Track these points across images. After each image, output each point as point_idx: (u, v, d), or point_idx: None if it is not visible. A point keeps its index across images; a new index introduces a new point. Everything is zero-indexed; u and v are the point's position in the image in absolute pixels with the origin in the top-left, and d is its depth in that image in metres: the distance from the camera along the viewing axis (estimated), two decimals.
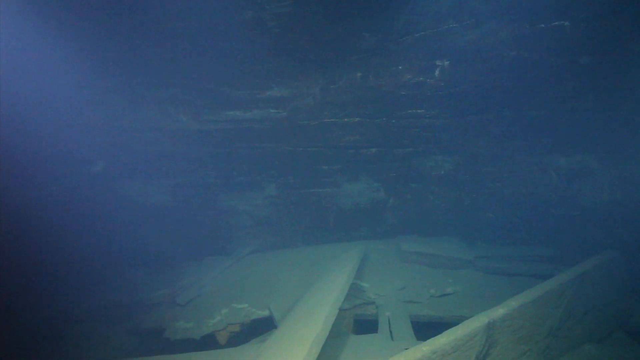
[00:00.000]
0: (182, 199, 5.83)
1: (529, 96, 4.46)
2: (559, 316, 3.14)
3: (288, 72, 5.16)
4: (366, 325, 4.36)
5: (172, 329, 4.31)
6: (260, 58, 5.05)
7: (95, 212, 5.32)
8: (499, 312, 2.82)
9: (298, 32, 4.66)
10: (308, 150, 5.60)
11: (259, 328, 4.30)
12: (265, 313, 4.32)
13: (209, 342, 4.31)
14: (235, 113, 5.46)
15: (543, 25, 3.89)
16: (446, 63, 4.52)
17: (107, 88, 5.04)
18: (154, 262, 5.54)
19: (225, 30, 4.65)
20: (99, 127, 5.15)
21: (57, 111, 4.84)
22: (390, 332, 3.80)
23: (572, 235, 5.04)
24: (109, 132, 5.19)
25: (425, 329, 4.25)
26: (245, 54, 4.98)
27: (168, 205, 5.83)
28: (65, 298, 4.74)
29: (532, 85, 4.35)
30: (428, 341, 2.59)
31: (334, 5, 4.31)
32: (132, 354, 4.35)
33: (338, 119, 5.26)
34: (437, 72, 4.60)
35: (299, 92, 5.23)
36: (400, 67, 4.72)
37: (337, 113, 5.24)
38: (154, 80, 5.17)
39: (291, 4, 4.31)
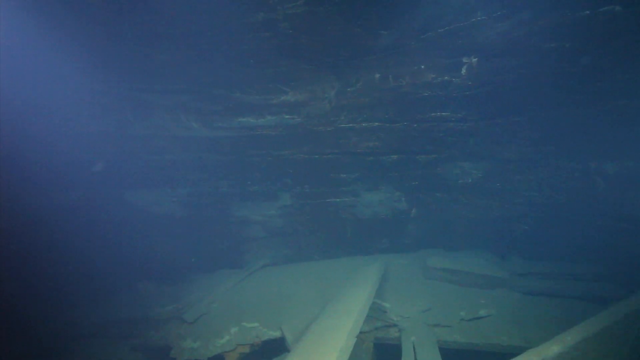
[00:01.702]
0: (194, 209, 5.53)
1: (571, 93, 3.88)
2: (625, 355, 2.52)
3: (302, 75, 4.80)
4: (388, 351, 3.84)
5: (178, 349, 3.94)
6: (273, 61, 4.72)
7: (103, 222, 5.09)
8: (552, 350, 2.26)
9: (311, 33, 4.30)
10: (324, 157, 5.19)
11: (270, 350, 3.86)
12: (277, 334, 3.88)
13: None
14: (248, 119, 5.14)
15: (588, 12, 3.34)
16: (474, 60, 4.02)
17: (117, 95, 4.84)
18: (164, 275, 5.23)
19: (235, 33, 4.35)
20: (109, 135, 4.94)
21: (66, 120, 4.67)
22: None
23: (621, 250, 4.33)
24: (119, 141, 4.98)
25: (456, 357, 3.70)
26: (257, 58, 4.66)
27: (179, 215, 5.54)
28: (71, 312, 4.48)
29: (574, 81, 3.77)
30: None
31: (348, 3, 3.92)
32: None
33: (355, 123, 4.82)
34: (463, 70, 4.11)
35: (314, 96, 4.85)
36: (422, 66, 4.25)
37: (354, 117, 4.81)
38: (164, 86, 4.93)
39: (303, 3, 3.96)
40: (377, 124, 4.79)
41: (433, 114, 4.57)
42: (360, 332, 3.82)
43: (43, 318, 4.33)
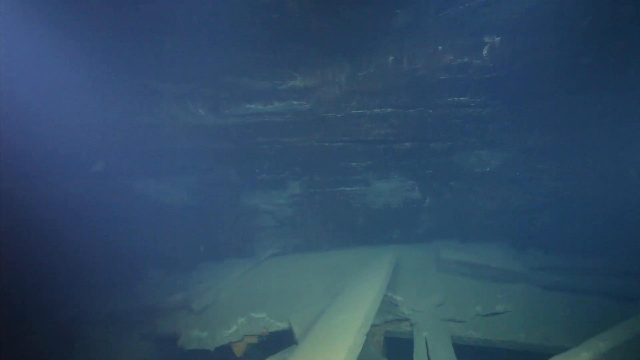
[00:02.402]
0: (202, 198, 5.41)
1: (605, 75, 3.51)
2: None
3: (311, 59, 4.54)
4: (399, 345, 3.69)
5: (186, 338, 3.89)
6: (281, 45, 4.47)
7: (111, 212, 5.02)
8: (582, 357, 2.04)
9: (321, 14, 4.02)
10: (334, 145, 4.96)
11: (278, 341, 3.76)
12: (285, 325, 3.78)
13: (224, 354, 3.86)
14: (256, 106, 4.93)
15: None
16: (496, 39, 3.68)
17: (123, 84, 4.69)
18: (173, 264, 5.17)
19: (243, 16, 4.11)
20: (116, 125, 4.82)
21: (73, 111, 4.55)
22: (429, 358, 3.10)
23: None
24: (127, 130, 4.85)
25: (470, 354, 3.52)
26: (265, 42, 4.42)
27: (187, 204, 5.43)
28: (82, 300, 4.48)
29: (609, 61, 3.40)
30: None
31: None
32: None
33: (367, 109, 4.56)
34: (485, 51, 3.78)
35: (324, 81, 4.60)
36: (439, 48, 3.93)
37: (366, 103, 4.54)
38: (171, 74, 4.75)
39: None
40: (389, 110, 4.51)
41: (450, 99, 4.26)
42: (372, 326, 3.68)
43: (53, 307, 4.34)
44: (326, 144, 4.96)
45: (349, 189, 5.22)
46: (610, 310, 3.63)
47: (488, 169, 4.71)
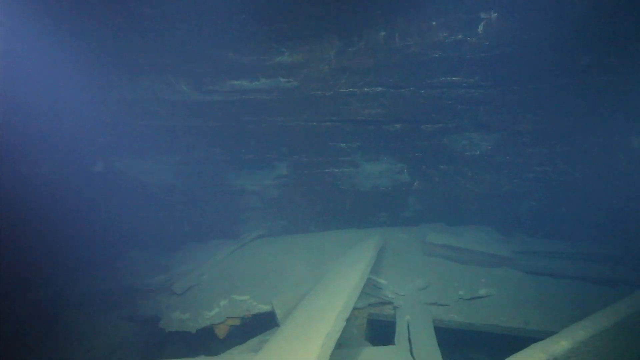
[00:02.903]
0: (186, 178, 5.24)
1: (604, 54, 3.36)
2: None
3: (299, 33, 4.29)
4: (382, 328, 3.68)
5: (168, 320, 3.82)
6: (268, 17, 4.21)
7: (93, 191, 4.84)
8: (561, 345, 2.01)
9: None
10: (322, 125, 4.78)
11: (261, 324, 3.72)
12: (268, 308, 3.72)
13: (206, 336, 3.82)
14: (241, 82, 4.69)
15: None
16: (493, 15, 3.48)
17: (99, 55, 4.39)
18: (156, 244, 5.06)
19: None
20: (91, 100, 4.55)
21: (46, 85, 4.25)
22: (410, 342, 3.09)
23: (635, 232, 4.01)
24: (103, 106, 4.59)
25: (452, 337, 3.53)
26: (250, 13, 4.15)
27: (171, 183, 5.26)
28: (61, 281, 4.36)
29: (610, 39, 3.24)
30: None
31: None
32: (127, 342, 3.95)
33: (357, 88, 4.37)
34: (480, 28, 3.58)
35: (312, 57, 4.36)
36: (433, 23, 3.72)
37: (355, 82, 4.34)
38: (150, 45, 4.45)
39: None
40: (380, 89, 4.32)
41: (442, 79, 4.09)
42: (354, 309, 3.64)
43: (33, 288, 4.22)
44: (314, 123, 4.78)
45: (337, 170, 5.10)
46: (591, 294, 3.65)
47: (478, 152, 4.61)
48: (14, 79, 4.06)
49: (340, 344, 3.24)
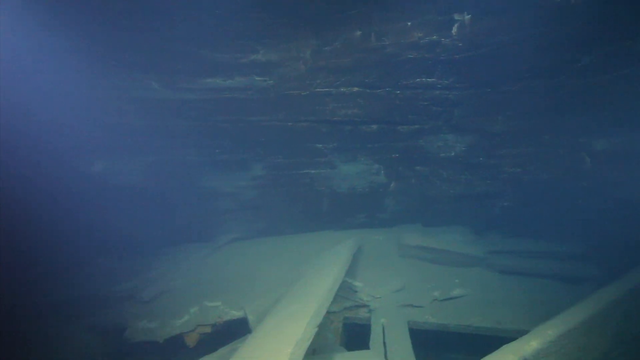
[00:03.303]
0: (158, 179, 5.00)
1: (571, 59, 3.46)
2: (605, 346, 2.32)
3: (275, 31, 4.18)
4: (358, 331, 3.63)
5: (133, 329, 3.61)
6: (243, 14, 4.08)
7: (58, 193, 4.52)
8: (531, 345, 2.00)
9: None
10: (299, 125, 4.69)
11: (234, 331, 3.58)
12: (241, 314, 3.59)
13: (175, 345, 3.63)
14: (215, 80, 4.52)
15: None
16: (467, 17, 3.50)
17: (64, 48, 4.11)
18: (126, 249, 4.80)
19: None
20: (57, 95, 4.26)
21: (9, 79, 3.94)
22: (385, 346, 3.04)
23: (602, 231, 4.16)
24: (69, 102, 4.30)
25: (427, 339, 3.52)
26: (225, 9, 4.01)
27: (142, 185, 5.00)
28: (21, 291, 4.04)
29: (576, 44, 3.33)
30: None
31: None
32: (88, 355, 3.70)
33: (333, 88, 4.30)
34: (454, 29, 3.60)
35: (288, 55, 4.26)
36: (409, 24, 3.71)
37: (331, 81, 4.28)
38: (118, 39, 4.22)
39: None
40: (356, 89, 4.28)
41: (418, 80, 4.09)
42: (329, 313, 3.58)
43: None
44: (290, 123, 4.68)
45: (314, 171, 5.01)
46: (560, 292, 3.74)
47: (453, 154, 4.65)
48: None
49: (314, 350, 3.16)
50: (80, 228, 4.85)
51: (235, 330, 3.54)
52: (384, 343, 3.06)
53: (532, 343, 2.01)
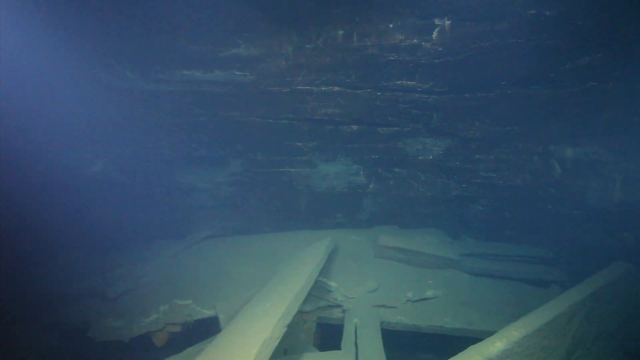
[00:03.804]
0: (131, 173, 4.82)
1: (544, 69, 3.56)
2: (567, 346, 2.38)
3: (257, 26, 4.12)
4: (331, 331, 3.59)
5: (98, 328, 3.44)
6: (224, 7, 4.00)
7: (25, 186, 4.27)
8: (496, 346, 2.03)
9: None
10: (278, 122, 4.63)
11: (204, 330, 3.47)
12: (212, 313, 3.48)
13: (143, 344, 3.48)
14: (194, 73, 4.41)
15: None
16: (447, 22, 3.55)
17: (38, 33, 3.89)
18: (94, 245, 4.57)
19: None
20: (29, 82, 4.02)
21: None
22: (356, 346, 3.02)
23: (570, 237, 4.31)
24: (38, 88, 4.08)
25: (400, 339, 3.53)
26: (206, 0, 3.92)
27: (114, 179, 4.81)
28: None
29: (549, 55, 3.43)
30: None
31: None
32: (48, 355, 3.50)
33: (314, 86, 4.27)
34: (435, 34, 3.64)
35: (269, 51, 4.20)
36: (391, 25, 3.72)
37: (313, 79, 4.24)
38: (90, 25, 4.04)
39: None
40: (337, 88, 4.26)
41: (398, 82, 4.11)
42: (302, 312, 3.53)
43: None
44: (270, 120, 4.61)
45: (293, 169, 4.96)
46: (528, 295, 3.83)
47: (431, 157, 4.71)
48: None
49: (285, 350, 3.10)
50: (42, 221, 4.59)
51: (206, 330, 3.43)
52: (356, 343, 3.04)
53: (497, 344, 2.04)
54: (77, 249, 4.65)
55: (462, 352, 2.01)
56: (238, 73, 4.36)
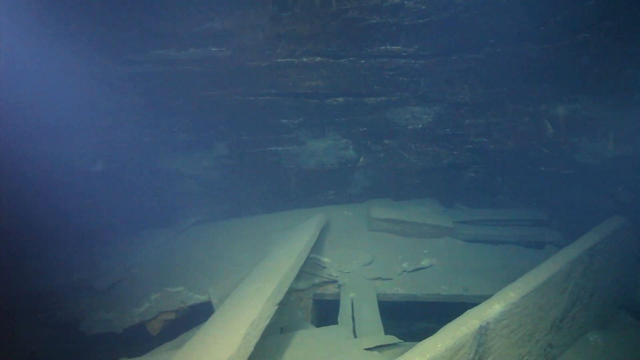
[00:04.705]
0: (111, 162, 4.60)
1: (533, 23, 3.36)
2: (565, 304, 2.33)
3: None
4: (327, 307, 3.54)
5: (90, 321, 3.36)
6: None
7: (7, 179, 4.05)
8: (493, 308, 1.95)
9: None
10: (260, 99, 4.41)
11: (199, 315, 3.39)
12: (205, 298, 3.40)
13: (137, 334, 3.41)
14: (167, 52, 4.13)
15: None
16: None
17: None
18: (80, 238, 4.42)
19: None
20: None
21: None
22: (353, 320, 2.97)
23: (563, 196, 4.23)
24: (12, 77, 3.79)
25: (397, 310, 3.49)
26: None
27: (94, 169, 4.59)
28: None
29: (540, 8, 3.23)
30: None
31: None
32: (42, 350, 3.41)
33: (294, 58, 4.03)
34: None
35: (245, 23, 3.93)
36: None
37: (292, 51, 4.00)
38: (59, 6, 3.72)
39: None
40: (319, 59, 4.03)
41: (382, 48, 3.89)
42: (298, 290, 3.46)
43: None
44: (252, 97, 4.39)
45: (280, 148, 4.78)
46: (523, 257, 3.79)
47: (420, 126, 4.55)
48: None
49: (282, 328, 3.03)
50: (27, 217, 4.40)
51: (201, 315, 3.34)
52: (353, 317, 2.98)
53: (495, 306, 1.96)
54: (63, 244, 4.49)
55: (459, 317, 1.93)
56: (214, 49, 4.10)
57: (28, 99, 4.10)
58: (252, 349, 1.87)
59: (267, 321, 2.05)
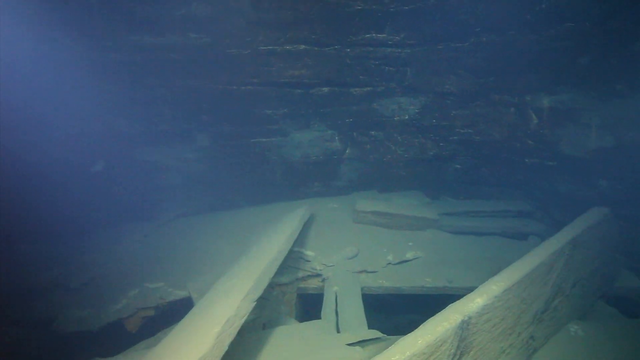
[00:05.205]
0: (87, 154, 4.39)
1: (520, 10, 3.28)
2: (547, 295, 2.30)
3: None
4: (311, 302, 3.47)
5: (63, 319, 3.20)
6: None
7: None
8: (476, 302, 1.90)
9: None
10: (243, 89, 4.24)
11: (179, 311, 3.27)
12: (185, 293, 3.28)
13: (115, 332, 3.27)
14: (142, 37, 3.92)
15: None
16: None
17: None
18: (54, 234, 4.22)
19: None
20: None
21: None
22: (337, 314, 2.90)
23: (547, 188, 4.24)
24: None
25: (381, 303, 3.45)
26: None
27: (69, 161, 4.38)
28: None
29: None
30: None
31: None
32: (13, 352, 3.26)
33: (277, 45, 3.87)
34: None
35: (225, 7, 3.74)
36: None
37: (275, 38, 3.84)
38: None
39: None
40: (303, 47, 3.88)
41: (368, 36, 3.77)
42: (281, 285, 3.38)
43: None
44: (234, 87, 4.22)
45: (264, 140, 4.64)
46: (507, 248, 3.79)
47: (407, 117, 4.47)
48: None
49: (264, 324, 2.95)
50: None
51: (181, 311, 3.22)
52: (336, 311, 2.92)
53: (477, 300, 1.91)
54: (36, 239, 4.29)
55: (441, 311, 1.87)
56: (193, 35, 3.91)
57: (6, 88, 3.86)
58: (226, 347, 1.78)
59: (244, 319, 1.96)
